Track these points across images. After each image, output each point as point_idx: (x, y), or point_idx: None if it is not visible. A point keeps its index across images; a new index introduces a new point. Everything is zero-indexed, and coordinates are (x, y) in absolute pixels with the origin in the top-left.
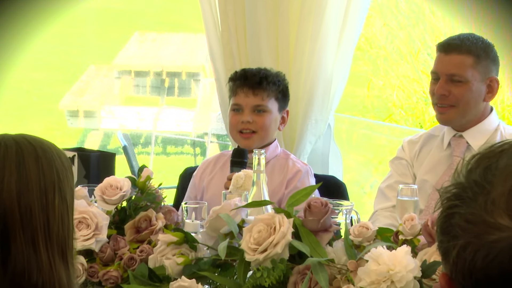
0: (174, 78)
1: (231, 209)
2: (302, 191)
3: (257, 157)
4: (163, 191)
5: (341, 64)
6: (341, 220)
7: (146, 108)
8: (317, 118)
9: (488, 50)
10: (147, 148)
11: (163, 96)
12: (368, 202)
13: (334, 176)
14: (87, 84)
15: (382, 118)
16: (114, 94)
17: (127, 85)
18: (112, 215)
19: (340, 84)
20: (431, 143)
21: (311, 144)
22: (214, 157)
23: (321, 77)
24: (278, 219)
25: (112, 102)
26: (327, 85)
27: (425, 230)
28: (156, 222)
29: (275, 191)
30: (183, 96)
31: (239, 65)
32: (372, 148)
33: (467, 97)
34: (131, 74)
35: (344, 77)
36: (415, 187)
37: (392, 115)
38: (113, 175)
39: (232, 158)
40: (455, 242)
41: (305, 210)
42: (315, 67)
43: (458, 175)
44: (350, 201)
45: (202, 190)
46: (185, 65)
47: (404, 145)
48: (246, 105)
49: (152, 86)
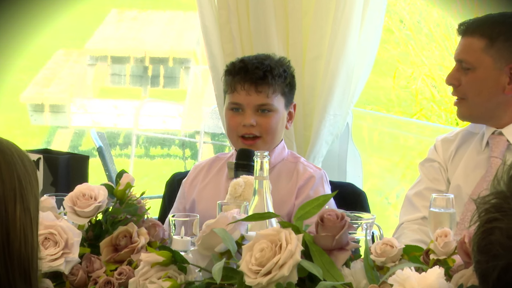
0: (159, 65)
1: (228, 223)
2: (314, 202)
3: (259, 160)
4: (147, 202)
5: (365, 48)
6: (361, 237)
7: (125, 102)
8: (336, 112)
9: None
10: (126, 149)
11: (146, 87)
12: (393, 214)
13: (353, 184)
14: (54, 73)
15: (411, 113)
16: (86, 85)
17: (103, 74)
18: (85, 231)
19: (364, 72)
20: (469, 142)
21: (328, 144)
22: (208, 161)
23: (344, 64)
24: (285, 235)
25: (85, 94)
26: (349, 73)
27: (461, 248)
28: (137, 239)
29: (282, 201)
30: (170, 87)
31: (240, 50)
32: (399, 150)
33: (475, 88)
34: (107, 60)
35: (369, 63)
36: (451, 196)
37: (423, 110)
38: (86, 182)
39: (238, 160)
40: (495, 262)
41: (317, 224)
42: (337, 53)
43: (498, 182)
44: (372, 214)
45: (193, 201)
46: (172, 49)
47: (437, 144)
48: (247, 104)
49: (132, 75)
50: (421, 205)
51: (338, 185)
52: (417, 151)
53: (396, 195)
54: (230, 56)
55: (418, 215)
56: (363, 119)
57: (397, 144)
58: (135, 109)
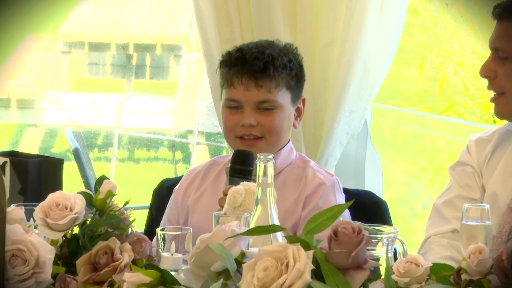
0: (144, 53)
1: (226, 237)
2: (326, 213)
3: (263, 164)
4: (131, 213)
5: (386, 33)
6: (381, 253)
7: (105, 96)
8: (352, 108)
9: None
10: (107, 151)
11: (130, 79)
12: (419, 228)
13: (372, 192)
14: (21, 62)
15: (439, 110)
16: (60, 76)
17: (79, 63)
18: (59, 246)
19: (384, 61)
20: (508, 143)
21: (342, 145)
22: (203, 165)
23: (361, 52)
24: (292, 251)
25: (58, 87)
26: (367, 62)
27: (498, 267)
28: (120, 256)
29: (288, 212)
30: (158, 78)
31: (240, 35)
32: (426, 152)
33: None
34: (84, 47)
35: (391, 50)
36: (486, 206)
37: (454, 106)
38: (61, 190)
39: (233, 164)
40: None
41: (331, 239)
42: (353, 38)
43: None
44: (394, 227)
45: (187, 212)
46: (160, 34)
47: (470, 145)
48: (246, 101)
49: (114, 65)
50: (451, 216)
51: (354, 193)
52: (447, 153)
53: (422, 205)
54: (228, 42)
55: (447, 227)
56: (383, 116)
57: (424, 145)
58: (116, 105)
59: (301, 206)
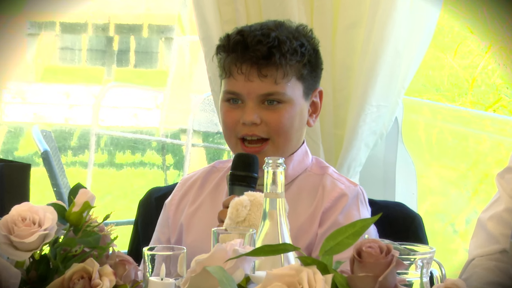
0: (128, 35)
1: (227, 258)
2: (348, 229)
3: (271, 170)
4: (113, 229)
5: (421, 12)
6: (414, 278)
7: (81, 88)
8: (380, 103)
9: None
10: (82, 155)
11: (110, 67)
12: (461, 247)
13: (403, 204)
14: None
15: (484, 105)
16: (25, 63)
17: (49, 48)
18: (26, 269)
19: (419, 47)
20: None
21: (368, 148)
22: (200, 172)
23: (391, 35)
24: (307, 275)
25: (23, 77)
26: (399, 48)
27: None
28: (99, 282)
29: (302, 228)
30: (145, 66)
31: (244, 15)
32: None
33: None
34: (54, 28)
35: (427, 33)
36: None
37: (502, 100)
38: (27, 201)
39: (234, 170)
40: None
41: (353, 260)
42: (382, 18)
43: None
44: (430, 246)
45: (180, 228)
46: (148, 13)
47: None
48: (248, 94)
49: (91, 50)
50: (499, 233)
51: (383, 205)
52: (495, 157)
53: (465, 220)
54: (230, 23)
55: (495, 247)
56: (418, 112)
57: (467, 147)
58: (94, 98)
59: (318, 222)
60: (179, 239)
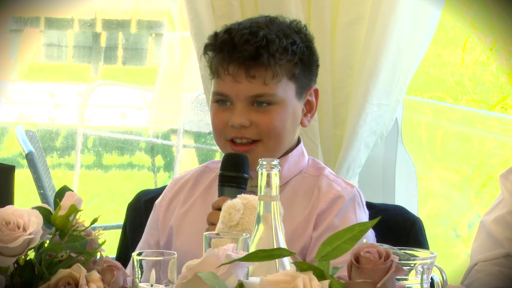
0: (116, 31)
1: (219, 264)
2: (346, 233)
3: (266, 172)
4: (100, 233)
5: (425, 7)
6: (415, 284)
7: (66, 86)
8: (381, 101)
9: None
10: (68, 156)
11: (97, 64)
12: (463, 252)
13: (403, 207)
14: None
15: (489, 104)
16: (8, 61)
17: (33, 45)
18: (10, 275)
19: (422, 43)
20: None
21: (368, 148)
22: (192, 172)
23: (394, 31)
24: (303, 282)
25: (6, 75)
26: (401, 44)
27: None
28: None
29: (297, 231)
30: (133, 63)
31: (239, 9)
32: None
33: None
34: (39, 24)
35: (430, 28)
36: None
37: (508, 99)
38: (11, 204)
39: (223, 170)
40: None
41: (351, 266)
42: (385, 14)
43: None
44: (431, 251)
45: (170, 230)
46: (136, 8)
47: None
48: (236, 96)
49: (77, 46)
50: (503, 237)
51: (382, 208)
52: (499, 158)
53: (467, 224)
54: (224, 18)
55: (499, 252)
56: (419, 112)
57: (470, 148)
58: (81, 97)
59: (313, 225)
60: (169, 241)
